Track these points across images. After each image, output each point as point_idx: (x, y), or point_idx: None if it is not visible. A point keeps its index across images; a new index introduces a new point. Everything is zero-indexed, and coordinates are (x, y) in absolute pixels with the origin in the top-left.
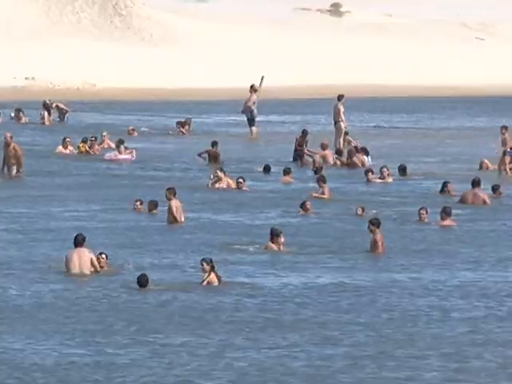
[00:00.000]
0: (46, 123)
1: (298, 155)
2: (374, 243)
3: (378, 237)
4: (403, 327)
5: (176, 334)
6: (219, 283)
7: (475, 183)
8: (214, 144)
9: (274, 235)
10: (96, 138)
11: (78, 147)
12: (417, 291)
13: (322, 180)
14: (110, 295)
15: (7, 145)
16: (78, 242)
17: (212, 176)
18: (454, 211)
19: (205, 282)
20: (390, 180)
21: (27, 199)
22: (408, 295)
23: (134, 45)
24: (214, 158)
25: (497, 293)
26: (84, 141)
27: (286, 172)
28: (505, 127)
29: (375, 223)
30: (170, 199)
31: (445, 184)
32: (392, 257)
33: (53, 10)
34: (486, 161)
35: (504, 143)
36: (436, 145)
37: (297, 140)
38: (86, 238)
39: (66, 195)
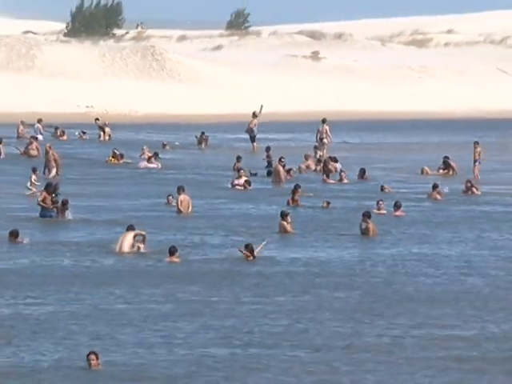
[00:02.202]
0: (101, 140)
1: (269, 163)
2: (366, 230)
3: (370, 225)
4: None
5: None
6: (248, 257)
7: (434, 186)
8: (238, 158)
9: (284, 215)
10: (122, 155)
11: (110, 160)
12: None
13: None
14: (153, 265)
15: (46, 152)
16: (128, 228)
17: (236, 174)
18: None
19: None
20: (345, 181)
21: (91, 195)
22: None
23: (166, 82)
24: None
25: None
26: (114, 156)
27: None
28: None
29: (366, 215)
30: (179, 194)
31: (382, 186)
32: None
33: (107, 57)
34: (426, 168)
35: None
36: (391, 155)
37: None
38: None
39: (115, 192)
